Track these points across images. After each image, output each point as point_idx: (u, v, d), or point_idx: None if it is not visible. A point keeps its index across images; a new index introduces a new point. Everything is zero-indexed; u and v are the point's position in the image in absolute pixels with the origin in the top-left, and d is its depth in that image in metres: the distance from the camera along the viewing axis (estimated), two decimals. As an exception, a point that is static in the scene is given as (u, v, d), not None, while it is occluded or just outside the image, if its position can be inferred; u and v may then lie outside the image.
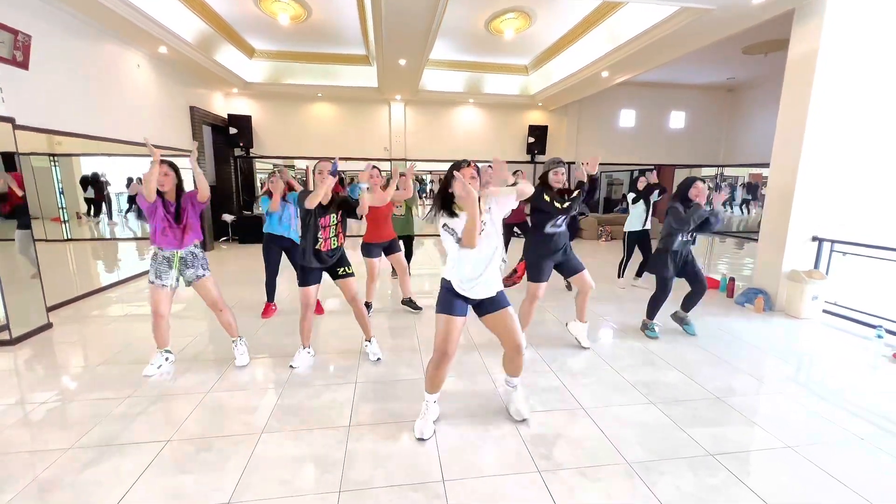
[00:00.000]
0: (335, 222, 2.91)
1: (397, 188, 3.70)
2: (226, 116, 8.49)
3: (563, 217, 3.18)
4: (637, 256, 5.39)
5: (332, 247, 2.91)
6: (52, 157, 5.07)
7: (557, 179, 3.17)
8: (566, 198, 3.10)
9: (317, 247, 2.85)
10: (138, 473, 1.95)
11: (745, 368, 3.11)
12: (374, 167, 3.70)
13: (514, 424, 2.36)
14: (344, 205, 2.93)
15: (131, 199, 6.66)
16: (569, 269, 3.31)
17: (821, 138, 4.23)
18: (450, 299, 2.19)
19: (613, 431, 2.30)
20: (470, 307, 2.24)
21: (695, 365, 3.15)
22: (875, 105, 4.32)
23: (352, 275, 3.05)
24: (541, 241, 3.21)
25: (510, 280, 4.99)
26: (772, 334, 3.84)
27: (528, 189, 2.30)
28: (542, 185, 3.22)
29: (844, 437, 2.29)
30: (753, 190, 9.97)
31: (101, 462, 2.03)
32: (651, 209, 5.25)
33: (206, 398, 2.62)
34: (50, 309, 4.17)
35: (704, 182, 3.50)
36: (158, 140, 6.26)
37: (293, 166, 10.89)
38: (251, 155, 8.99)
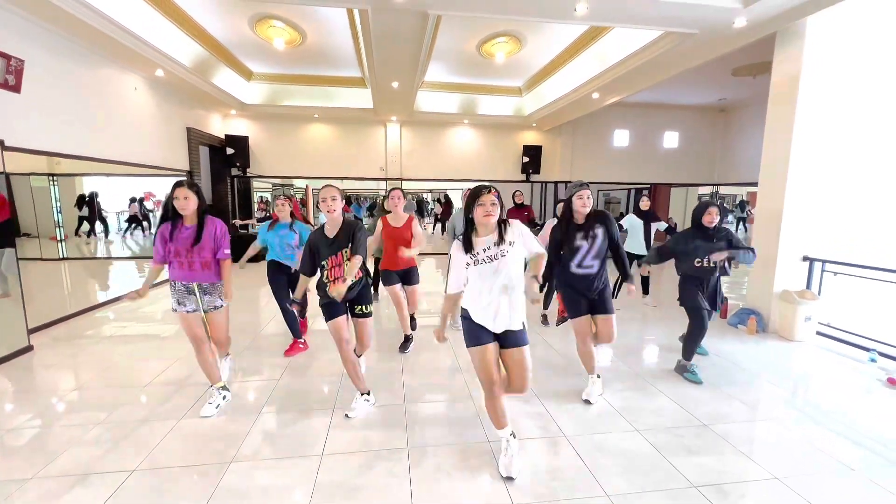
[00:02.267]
0: (347, 259, 2.56)
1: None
2: (223, 137, 8.60)
3: (590, 256, 2.77)
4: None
5: (346, 282, 2.53)
6: (51, 177, 5.12)
7: (583, 205, 2.75)
8: (582, 235, 2.76)
9: (327, 288, 2.56)
10: (97, 507, 1.88)
11: (736, 394, 3.03)
12: (395, 189, 3.64)
13: (492, 454, 2.28)
14: (353, 238, 2.60)
15: (131, 219, 6.71)
16: (595, 308, 2.88)
17: (807, 158, 4.24)
18: (474, 330, 2.09)
19: (594, 461, 2.22)
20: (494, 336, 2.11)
21: (684, 389, 3.07)
22: (859, 125, 4.35)
23: (369, 315, 2.74)
24: (568, 278, 2.86)
25: (562, 315, 4.05)
26: (765, 357, 3.77)
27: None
28: (564, 215, 2.85)
29: (835, 468, 2.21)
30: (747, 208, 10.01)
31: (60, 494, 1.96)
32: (652, 236, 5.24)
33: (180, 425, 2.55)
34: (38, 329, 4.15)
35: (718, 206, 3.23)
36: (155, 161, 6.33)
37: (291, 185, 11.00)
38: (248, 174, 9.07)
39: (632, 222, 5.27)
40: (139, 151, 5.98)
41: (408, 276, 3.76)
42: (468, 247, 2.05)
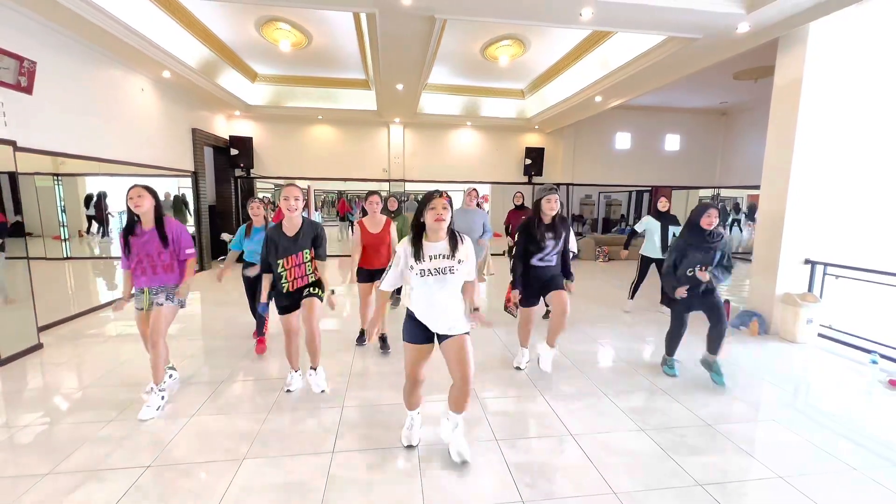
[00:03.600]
0: (308, 259, 2.76)
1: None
2: (227, 138, 8.65)
3: (551, 252, 3.14)
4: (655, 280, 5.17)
5: (303, 286, 2.79)
6: (55, 177, 5.16)
7: (551, 207, 3.08)
8: (552, 235, 3.10)
9: (283, 291, 2.75)
10: (112, 502, 1.92)
11: (738, 394, 3.07)
12: (374, 194, 3.71)
13: (500, 452, 2.32)
14: (316, 241, 2.80)
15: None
16: (548, 287, 3.21)
17: (809, 162, 4.28)
18: (412, 328, 2.15)
19: (601, 459, 2.26)
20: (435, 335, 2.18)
21: (688, 390, 3.11)
22: (861, 129, 4.39)
23: (316, 295, 2.85)
24: (529, 271, 3.19)
25: (508, 306, 4.72)
26: (766, 359, 3.80)
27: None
28: (534, 215, 3.16)
29: (837, 468, 2.24)
30: (752, 211, 10.05)
31: (76, 489, 2.00)
32: (669, 239, 4.80)
33: (192, 422, 2.59)
34: (45, 328, 4.19)
35: (718, 209, 3.12)
36: (159, 161, 6.38)
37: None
38: (251, 175, 9.12)
39: (649, 225, 4.91)
40: (145, 152, 6.03)
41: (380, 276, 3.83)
42: (417, 255, 2.04)
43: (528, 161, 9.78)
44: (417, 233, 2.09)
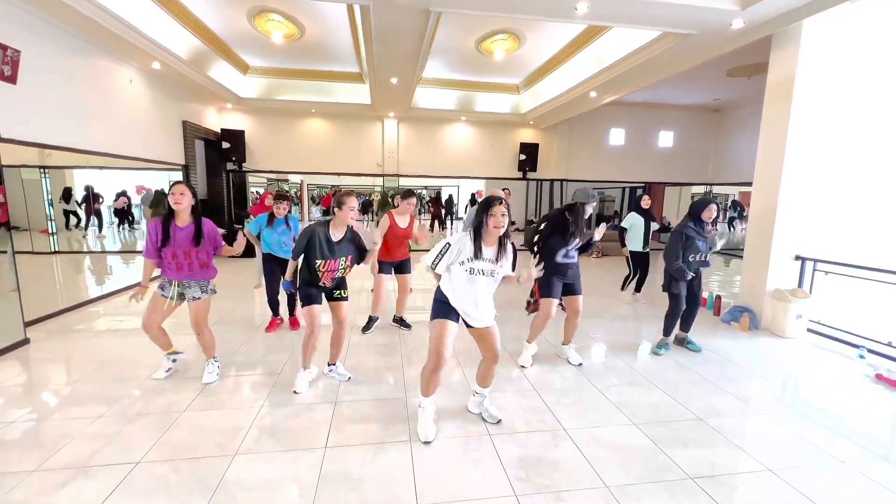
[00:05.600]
0: (344, 266, 2.84)
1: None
2: (219, 131, 8.53)
3: (574, 248, 3.29)
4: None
5: (336, 278, 2.87)
6: (42, 170, 5.05)
7: (585, 213, 3.24)
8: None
9: (319, 283, 2.81)
10: (102, 499, 1.89)
11: (729, 389, 3.10)
12: (412, 195, 4.03)
13: (494, 446, 2.32)
14: (359, 251, 2.92)
15: (118, 213, 6.64)
16: (568, 290, 3.40)
17: (801, 159, 4.32)
18: (445, 308, 2.28)
19: (593, 453, 2.27)
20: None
21: (679, 385, 3.14)
22: (853, 126, 4.43)
23: (346, 299, 2.98)
24: (553, 266, 3.29)
25: (533, 307, 4.83)
26: (757, 353, 3.85)
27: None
28: (571, 218, 3.25)
29: (826, 460, 2.28)
30: (741, 208, 10.15)
31: (64, 486, 1.97)
32: (650, 234, 5.33)
33: (182, 417, 2.56)
34: (32, 323, 4.11)
35: (718, 204, 3.66)
36: (150, 154, 6.28)
37: (287, 180, 10.94)
38: (243, 169, 9.01)
39: (634, 220, 5.32)
40: (134, 145, 5.93)
41: (402, 266, 4.13)
42: (477, 254, 2.19)
43: (523, 157, 9.77)
44: (478, 232, 2.20)
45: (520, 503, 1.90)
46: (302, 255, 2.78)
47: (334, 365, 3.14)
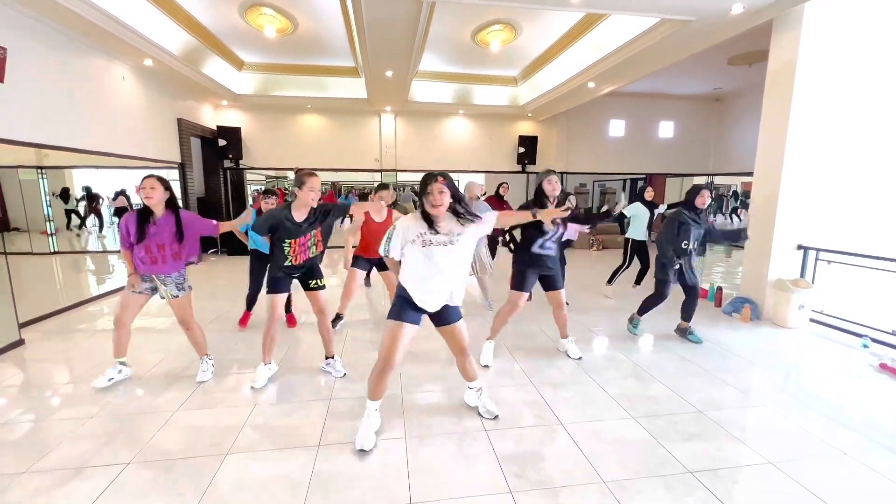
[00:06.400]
0: (315, 242, 2.85)
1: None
2: (215, 128, 8.48)
3: (552, 239, 3.13)
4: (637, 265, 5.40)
5: (309, 256, 2.85)
6: (39, 170, 5.02)
7: (553, 189, 3.07)
8: (555, 220, 3.05)
9: (286, 263, 2.80)
10: (93, 499, 1.87)
11: (730, 380, 3.06)
12: (385, 188, 3.92)
13: (489, 442, 2.29)
14: (333, 213, 2.88)
15: (117, 212, 6.61)
16: (548, 284, 3.29)
17: (803, 147, 4.24)
18: (402, 307, 2.20)
19: (591, 448, 2.24)
20: (426, 317, 2.27)
21: (679, 377, 3.09)
22: (856, 113, 4.35)
23: (322, 287, 2.97)
24: (527, 258, 3.18)
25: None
26: (758, 344, 3.80)
27: (501, 222, 2.41)
28: (535, 201, 3.13)
29: (828, 452, 2.23)
30: (746, 195, 10.03)
31: (56, 487, 1.94)
32: (654, 223, 5.31)
33: (174, 417, 2.54)
34: (29, 323, 4.10)
35: (711, 191, 3.68)
36: (144, 153, 6.23)
37: (285, 177, 10.88)
38: (241, 166, 8.96)
39: (638, 210, 5.23)
40: (129, 143, 5.88)
41: (383, 264, 3.95)
42: (430, 226, 2.10)
43: (522, 149, 9.69)
44: (426, 213, 2.12)
45: (515, 500, 1.87)
46: (267, 235, 2.79)
47: (332, 359, 3.11)
